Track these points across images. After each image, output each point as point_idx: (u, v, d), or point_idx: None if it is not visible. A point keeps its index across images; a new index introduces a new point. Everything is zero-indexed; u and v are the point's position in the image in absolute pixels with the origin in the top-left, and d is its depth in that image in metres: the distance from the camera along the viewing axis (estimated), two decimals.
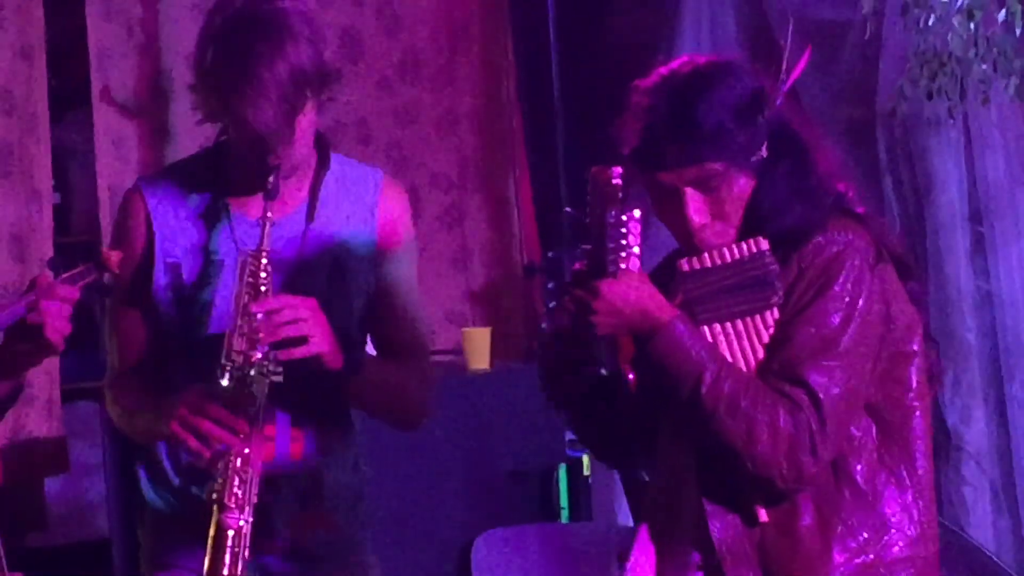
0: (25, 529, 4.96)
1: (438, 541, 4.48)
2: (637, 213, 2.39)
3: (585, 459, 4.94)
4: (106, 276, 2.50)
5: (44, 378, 4.38)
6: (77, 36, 4.67)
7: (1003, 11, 4.32)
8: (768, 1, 4.91)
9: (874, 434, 2.44)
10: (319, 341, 2.65)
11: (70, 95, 4.97)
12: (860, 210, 2.54)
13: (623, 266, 2.36)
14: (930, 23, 4.41)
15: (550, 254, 5.20)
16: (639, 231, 2.39)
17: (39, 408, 4.39)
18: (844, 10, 4.70)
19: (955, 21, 4.36)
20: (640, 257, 2.39)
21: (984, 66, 4.39)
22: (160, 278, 2.78)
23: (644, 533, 2.56)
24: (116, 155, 4.68)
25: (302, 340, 2.64)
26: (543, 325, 5.15)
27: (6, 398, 2.57)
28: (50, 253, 4.38)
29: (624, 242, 2.36)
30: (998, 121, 4.72)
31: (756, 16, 4.98)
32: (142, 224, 2.81)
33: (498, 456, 4.65)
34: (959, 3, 4.34)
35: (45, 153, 4.45)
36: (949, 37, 4.37)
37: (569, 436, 4.83)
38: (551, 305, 5.08)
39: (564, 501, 4.93)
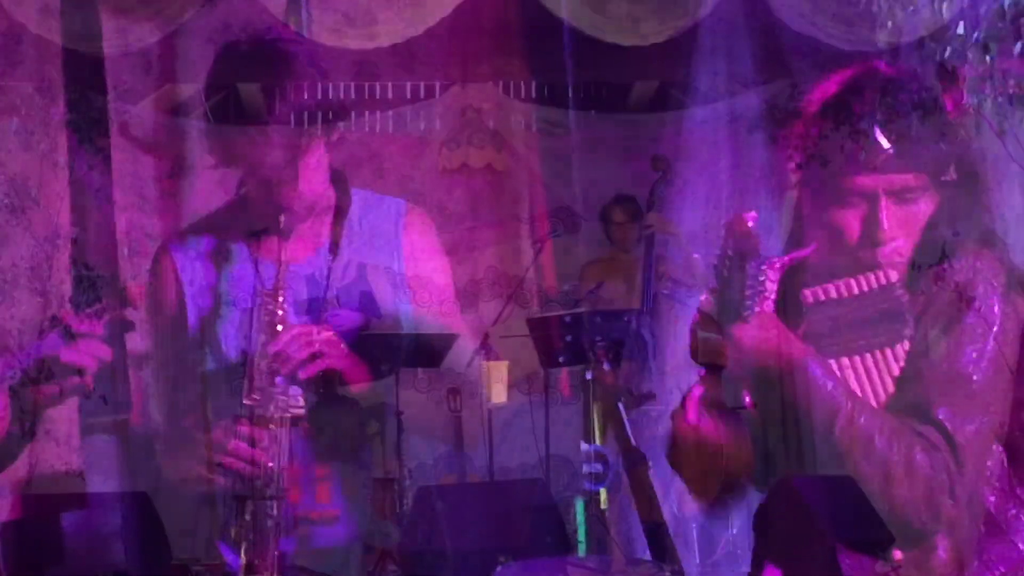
0: (42, 563, 4.95)
1: (454, 574, 4.46)
2: (777, 264, 2.33)
3: (603, 493, 4.92)
4: (127, 311, 2.52)
5: (62, 412, 4.37)
6: (95, 71, 4.68)
7: (1019, 44, 4.32)
8: (785, 35, 4.91)
9: (1005, 462, 2.36)
10: (333, 357, 2.66)
11: (88, 130, 4.98)
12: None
13: (757, 310, 2.29)
14: (946, 56, 4.41)
15: (566, 287, 5.20)
16: (779, 279, 2.32)
17: (57, 442, 4.39)
18: (860, 44, 4.70)
19: (971, 54, 4.36)
20: (775, 301, 2.34)
21: (1000, 99, 4.38)
22: (194, 331, 2.80)
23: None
24: (134, 190, 4.69)
25: (315, 357, 2.65)
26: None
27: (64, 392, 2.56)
28: (68, 288, 4.39)
29: (762, 288, 2.29)
30: (1015, 153, 4.71)
31: (773, 50, 4.98)
32: (172, 282, 2.84)
33: (515, 488, 4.63)
34: (975, 36, 4.34)
35: (63, 188, 4.47)
36: (965, 70, 4.37)
37: (587, 469, 4.82)
38: (568, 339, 5.07)
39: (581, 535, 4.90)
